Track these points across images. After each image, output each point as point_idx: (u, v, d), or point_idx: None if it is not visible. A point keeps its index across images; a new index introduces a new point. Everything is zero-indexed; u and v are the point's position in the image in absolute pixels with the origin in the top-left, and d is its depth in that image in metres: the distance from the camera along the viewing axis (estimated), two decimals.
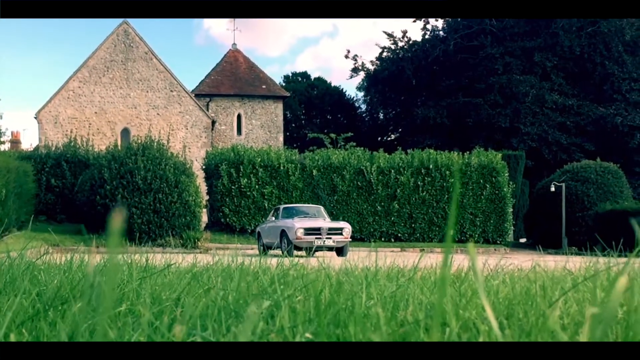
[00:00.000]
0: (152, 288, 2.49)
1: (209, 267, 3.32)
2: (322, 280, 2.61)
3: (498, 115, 37.12)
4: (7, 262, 2.98)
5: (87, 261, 3.76)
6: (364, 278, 2.55)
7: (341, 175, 21.58)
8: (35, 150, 26.92)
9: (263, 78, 36.91)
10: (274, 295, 2.12)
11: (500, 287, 2.60)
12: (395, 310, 2.00)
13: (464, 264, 4.34)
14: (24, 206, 17.89)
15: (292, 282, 2.60)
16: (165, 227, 17.69)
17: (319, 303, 1.99)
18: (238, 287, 2.35)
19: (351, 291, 2.19)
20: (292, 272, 2.83)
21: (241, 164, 21.08)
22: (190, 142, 31.84)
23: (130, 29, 31.71)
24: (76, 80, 31.24)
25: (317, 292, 2.20)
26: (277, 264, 3.66)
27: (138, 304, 2.07)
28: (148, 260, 3.94)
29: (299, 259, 4.48)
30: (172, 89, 32.03)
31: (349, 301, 2.02)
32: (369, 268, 3.50)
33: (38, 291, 2.33)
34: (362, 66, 47.37)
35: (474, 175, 22.30)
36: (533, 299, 2.19)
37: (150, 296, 2.26)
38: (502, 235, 22.60)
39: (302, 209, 16.46)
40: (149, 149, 18.25)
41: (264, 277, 2.80)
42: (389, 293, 2.25)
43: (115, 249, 0.75)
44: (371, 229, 21.66)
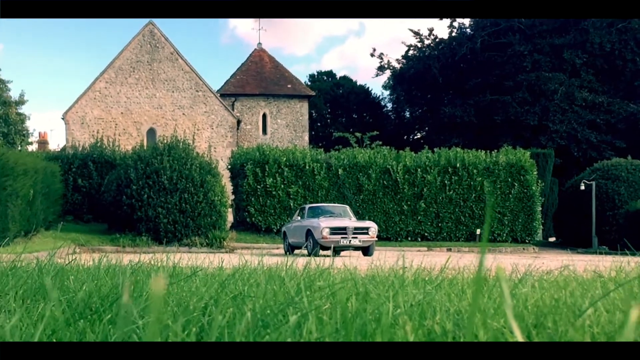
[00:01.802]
0: (179, 295, 2.50)
1: (236, 272, 3.32)
2: (349, 288, 2.60)
3: (526, 113, 36.72)
4: (36, 266, 3.02)
5: (114, 265, 3.80)
6: (390, 285, 2.54)
7: (367, 174, 21.52)
8: (62, 150, 27.22)
9: (288, 77, 36.97)
10: (301, 304, 2.11)
11: (529, 293, 2.57)
12: (423, 319, 1.99)
13: (492, 266, 4.29)
14: (51, 206, 18.09)
15: (319, 290, 2.59)
16: (191, 226, 17.78)
17: (346, 312, 1.98)
18: (265, 295, 2.36)
19: (378, 300, 2.18)
20: (319, 283, 2.82)
21: (266, 163, 21.14)
22: (215, 141, 32.01)
23: (156, 30, 31.98)
24: (102, 81, 31.59)
25: (344, 301, 2.19)
26: (303, 268, 3.65)
27: (165, 313, 2.08)
28: (173, 261, 3.97)
29: (325, 260, 4.47)
30: (197, 89, 32.24)
31: (376, 310, 2.00)
32: (396, 273, 3.48)
33: (67, 298, 2.36)
34: (388, 64, 47.23)
35: (502, 173, 22.06)
36: (562, 307, 2.16)
37: (177, 305, 2.27)
38: (530, 235, 22.32)
39: (328, 209, 16.43)
40: (175, 149, 18.35)
41: (291, 284, 2.80)
42: (416, 301, 2.23)
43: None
44: (397, 228, 21.56)
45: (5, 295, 2.46)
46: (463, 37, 41.72)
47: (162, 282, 0.76)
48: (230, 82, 36.12)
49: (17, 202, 14.00)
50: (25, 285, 2.70)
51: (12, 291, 2.48)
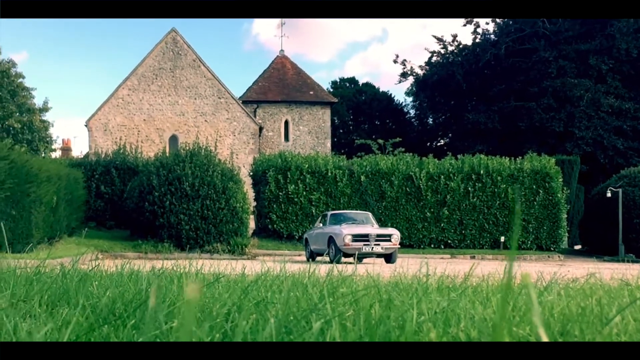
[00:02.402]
0: (203, 301, 2.50)
1: (258, 278, 3.32)
2: (372, 294, 2.58)
3: (552, 120, 36.35)
4: (60, 272, 3.05)
5: (137, 271, 3.82)
6: (414, 292, 2.51)
7: (390, 181, 21.44)
8: (85, 157, 27.46)
9: (310, 84, 37.05)
10: (324, 311, 2.10)
11: (555, 301, 2.52)
12: (447, 327, 1.96)
13: (517, 273, 4.23)
14: (74, 213, 18.21)
15: (342, 297, 2.58)
16: (213, 233, 17.82)
17: (370, 319, 1.96)
18: (288, 302, 2.34)
19: (401, 307, 2.15)
20: (342, 290, 2.80)
21: (288, 170, 21.18)
22: (237, 148, 32.14)
23: (178, 37, 32.27)
24: (125, 88, 31.91)
25: (368, 308, 2.17)
26: (326, 274, 3.64)
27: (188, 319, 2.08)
28: (195, 267, 3.99)
29: (347, 267, 4.45)
30: (219, 96, 32.43)
31: (400, 317, 1.98)
32: (420, 280, 3.44)
33: (91, 304, 2.37)
34: (411, 71, 47.10)
35: (527, 180, 21.85)
36: (589, 315, 2.11)
37: (200, 311, 2.27)
38: (556, 242, 22.03)
39: (350, 215, 16.38)
40: (197, 155, 18.44)
41: (314, 290, 2.79)
42: (440, 308, 2.20)
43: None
44: (420, 236, 21.43)
45: (31, 300, 2.49)
46: (487, 43, 41.48)
47: (196, 287, 0.76)
48: (253, 89, 36.30)
49: (41, 208, 14.16)
50: (50, 291, 2.72)
51: (37, 296, 2.51)
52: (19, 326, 1.91)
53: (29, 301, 2.47)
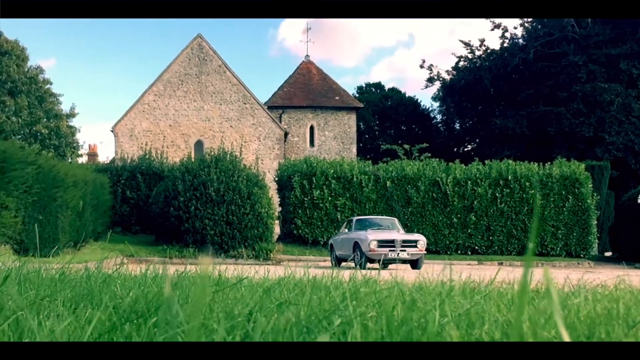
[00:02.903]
0: (225, 302, 2.50)
1: (281, 281, 3.31)
2: (395, 296, 2.55)
3: (581, 125, 35.85)
4: (85, 274, 3.08)
5: (161, 274, 3.84)
6: (437, 295, 2.47)
7: (416, 186, 21.31)
8: (111, 162, 27.70)
9: (336, 89, 37.06)
10: (346, 312, 2.08)
11: (582, 305, 2.47)
12: (471, 329, 1.93)
13: (543, 278, 4.14)
14: (100, 217, 18.38)
15: (365, 298, 2.55)
16: (238, 238, 17.85)
17: (392, 320, 1.94)
18: (310, 303, 2.33)
19: (424, 308, 2.12)
20: (363, 290, 2.78)
21: (314, 175, 21.17)
22: (262, 153, 32.25)
23: (204, 43, 32.55)
24: (151, 93, 32.22)
25: (390, 309, 2.15)
26: (349, 278, 3.62)
27: (211, 319, 2.08)
28: (219, 273, 3.99)
29: (372, 272, 4.42)
30: (245, 101, 32.58)
31: (422, 319, 1.95)
32: (444, 283, 3.40)
33: (114, 304, 2.38)
34: (438, 76, 46.87)
35: (556, 186, 21.55)
36: (615, 318, 2.06)
37: (222, 311, 2.26)
38: (585, 249, 21.67)
39: (376, 221, 16.31)
40: (222, 161, 18.51)
41: (336, 292, 2.76)
42: (464, 310, 2.17)
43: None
44: (447, 242, 21.25)
45: (55, 300, 2.51)
46: (515, 47, 41.10)
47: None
48: (278, 94, 36.44)
49: (67, 213, 14.36)
50: (74, 291, 2.75)
51: (61, 296, 2.53)
52: (42, 324, 1.93)
53: (53, 301, 2.49)
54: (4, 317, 2.00)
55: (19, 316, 2.01)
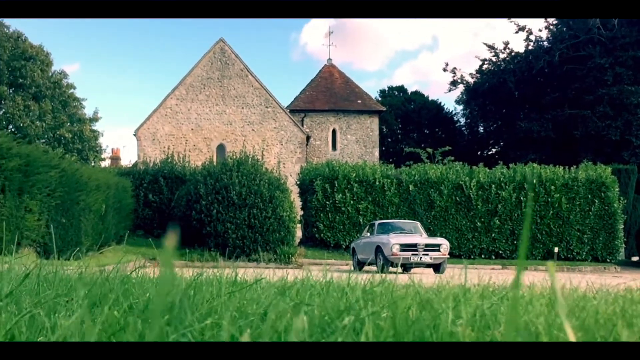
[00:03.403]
0: (240, 302, 2.50)
1: (297, 282, 3.30)
2: (412, 296, 2.52)
3: (608, 128, 35.33)
4: (104, 275, 3.10)
5: (179, 275, 3.85)
6: (453, 295, 2.44)
7: (439, 190, 21.17)
8: (134, 166, 27.84)
9: (358, 93, 37.01)
10: (360, 312, 2.06)
11: (602, 307, 2.42)
12: (486, 329, 1.91)
13: (568, 283, 4.08)
14: (122, 221, 18.49)
15: (379, 299, 2.53)
16: (260, 242, 17.84)
17: (407, 319, 1.92)
18: (324, 303, 2.32)
19: (439, 308, 2.09)
20: (376, 288, 2.76)
21: (336, 179, 21.15)
22: (284, 157, 32.28)
23: (226, 47, 32.71)
24: (174, 98, 32.44)
25: (405, 309, 2.12)
26: (367, 280, 3.59)
27: (224, 319, 2.08)
28: (238, 275, 4.00)
29: (390, 275, 4.38)
30: (267, 105, 32.67)
31: (437, 319, 1.93)
32: (463, 286, 3.36)
33: (130, 304, 2.39)
34: (462, 79, 46.57)
35: (582, 190, 21.27)
36: (636, 320, 2.01)
37: (237, 310, 2.26)
38: (612, 254, 21.34)
39: (398, 225, 16.23)
40: (244, 164, 18.55)
41: (352, 294, 2.75)
42: (480, 312, 2.14)
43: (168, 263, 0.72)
44: (470, 246, 21.07)
45: (71, 299, 2.53)
46: (540, 50, 40.67)
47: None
48: (300, 98, 36.49)
49: (90, 216, 14.50)
50: (92, 291, 2.76)
51: (77, 295, 2.55)
52: (58, 323, 1.94)
53: (69, 300, 2.51)
54: (19, 314, 2.03)
55: (35, 314, 2.02)
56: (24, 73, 39.80)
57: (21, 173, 11.14)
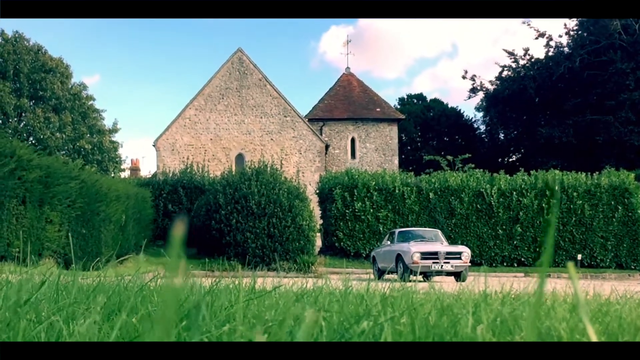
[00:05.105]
0: (259, 309, 2.49)
1: (316, 290, 3.29)
2: (432, 302, 2.50)
3: (630, 133, 34.92)
4: (122, 284, 3.11)
5: (198, 284, 3.85)
6: (473, 301, 2.41)
7: (459, 197, 21.03)
8: (153, 176, 28.04)
9: (377, 101, 36.97)
10: (379, 318, 2.04)
11: (625, 311, 2.38)
12: (507, 335, 1.88)
13: (591, 290, 4.01)
14: (142, 231, 18.61)
15: (399, 305, 2.50)
16: (279, 251, 17.82)
17: (427, 324, 1.90)
18: (342, 309, 2.30)
19: (459, 313, 2.07)
20: (395, 293, 2.73)
21: (355, 187, 21.10)
22: (303, 166, 32.28)
23: (244, 57, 32.88)
24: (192, 108, 32.65)
25: (425, 315, 2.10)
26: (387, 286, 3.56)
27: (243, 325, 2.07)
28: (256, 283, 3.99)
29: (411, 283, 4.34)
30: (285, 114, 32.74)
31: (457, 324, 1.90)
32: (484, 292, 3.31)
33: (148, 311, 2.39)
34: (481, 86, 46.36)
35: (604, 196, 21.00)
36: None
37: (255, 317, 2.25)
38: (636, 260, 21.00)
39: (419, 233, 16.12)
40: (263, 174, 18.57)
41: (370, 300, 2.72)
42: (501, 317, 2.10)
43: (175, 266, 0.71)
44: (492, 253, 20.87)
45: (89, 306, 2.53)
46: (560, 56, 40.37)
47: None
48: (319, 107, 36.53)
49: (110, 227, 14.61)
50: (110, 300, 2.77)
51: (96, 299, 2.55)
52: (75, 330, 1.95)
53: (87, 307, 2.52)
54: (39, 321, 2.04)
55: (53, 321, 2.03)
56: (44, 85, 40.41)
57: (42, 184, 11.27)
